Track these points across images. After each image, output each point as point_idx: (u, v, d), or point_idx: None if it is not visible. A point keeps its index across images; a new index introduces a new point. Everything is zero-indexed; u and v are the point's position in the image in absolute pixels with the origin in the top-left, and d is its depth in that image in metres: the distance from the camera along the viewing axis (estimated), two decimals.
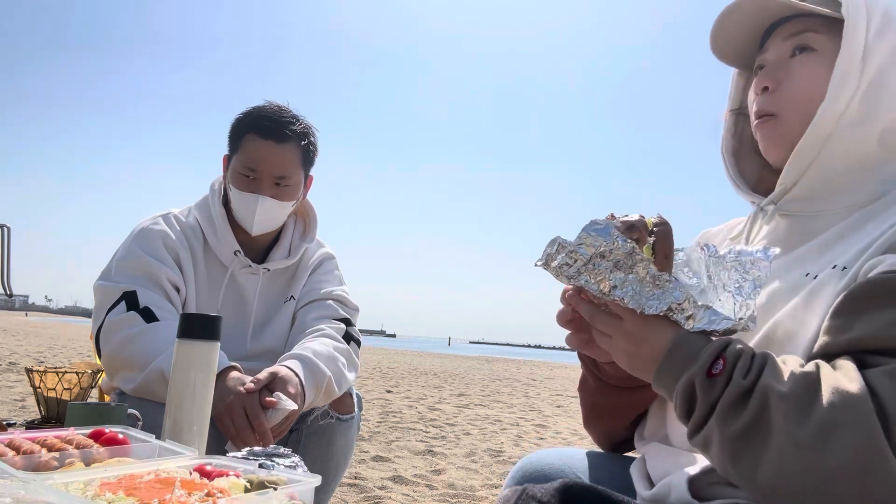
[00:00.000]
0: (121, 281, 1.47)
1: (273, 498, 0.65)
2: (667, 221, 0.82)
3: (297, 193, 1.61)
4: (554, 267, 0.78)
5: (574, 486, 0.65)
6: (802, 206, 0.90)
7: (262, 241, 1.67)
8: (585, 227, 0.77)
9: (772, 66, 0.93)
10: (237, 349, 1.59)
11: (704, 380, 0.70)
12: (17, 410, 4.53)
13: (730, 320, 0.75)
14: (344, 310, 1.67)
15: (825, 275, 0.79)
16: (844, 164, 0.86)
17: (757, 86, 0.93)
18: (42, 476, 0.63)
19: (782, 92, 0.90)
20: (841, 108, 0.84)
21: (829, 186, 0.87)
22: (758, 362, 0.70)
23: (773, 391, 0.66)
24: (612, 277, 0.75)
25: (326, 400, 1.52)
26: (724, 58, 1.02)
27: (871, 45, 0.84)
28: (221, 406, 1.25)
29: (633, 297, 0.75)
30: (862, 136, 0.85)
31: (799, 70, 0.89)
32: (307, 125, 1.60)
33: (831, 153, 0.86)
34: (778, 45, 0.93)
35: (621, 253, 0.75)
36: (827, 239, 0.85)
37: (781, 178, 0.90)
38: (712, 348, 0.72)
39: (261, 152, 1.53)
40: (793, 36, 0.91)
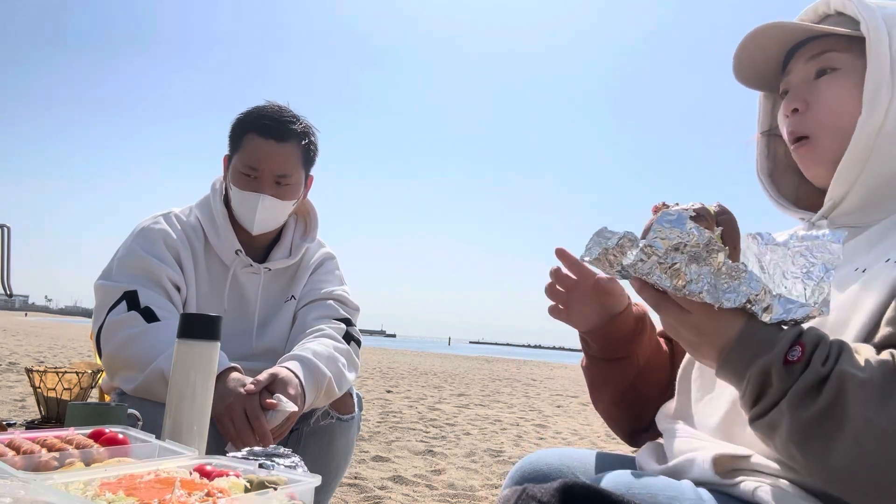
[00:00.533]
0: (122, 280, 1.47)
1: (273, 498, 0.65)
2: (728, 209, 0.81)
3: (298, 193, 1.62)
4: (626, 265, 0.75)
5: (574, 486, 0.65)
6: (853, 218, 0.92)
7: (263, 241, 1.67)
8: (658, 218, 0.74)
9: (798, 88, 0.95)
10: (240, 349, 1.59)
11: (781, 366, 0.70)
12: (17, 410, 4.54)
13: (807, 307, 0.73)
14: (344, 310, 1.67)
15: (877, 268, 0.80)
16: (889, 175, 0.88)
17: (786, 108, 0.96)
18: (42, 476, 0.63)
19: (812, 113, 0.92)
20: (878, 122, 0.86)
21: (877, 197, 0.89)
22: (835, 350, 0.70)
23: (851, 378, 0.66)
24: (687, 271, 0.73)
25: (327, 400, 1.52)
26: (747, 82, 1.04)
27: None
28: (222, 407, 1.25)
29: (710, 292, 0.73)
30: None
31: (826, 90, 0.91)
32: (307, 125, 1.61)
33: (875, 166, 0.88)
34: (801, 67, 0.95)
35: (699, 244, 0.72)
36: (873, 234, 0.87)
37: (829, 194, 0.92)
38: (790, 335, 0.72)
39: (262, 151, 1.54)
40: (815, 57, 0.93)
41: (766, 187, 1.06)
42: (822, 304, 0.74)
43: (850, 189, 0.90)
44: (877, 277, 0.79)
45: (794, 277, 0.79)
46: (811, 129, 0.93)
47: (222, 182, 1.65)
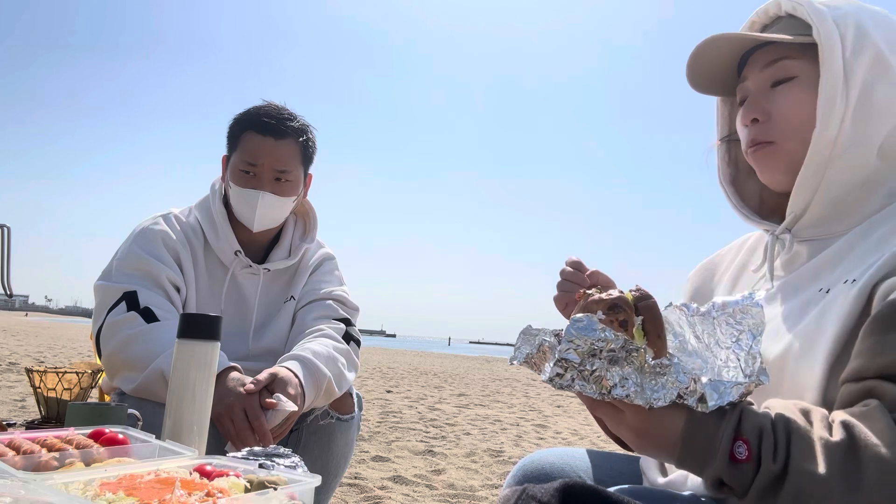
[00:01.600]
0: (121, 281, 1.47)
1: (273, 498, 0.65)
2: (648, 294, 0.76)
3: (298, 190, 1.62)
4: (546, 379, 0.71)
5: (574, 486, 0.65)
6: (816, 230, 0.90)
7: (263, 241, 1.67)
8: (567, 327, 0.70)
9: (755, 97, 0.93)
10: (238, 349, 1.59)
11: (731, 469, 0.67)
12: (17, 410, 4.53)
13: (741, 384, 0.69)
14: (344, 310, 1.67)
15: (836, 290, 0.79)
16: (849, 185, 0.86)
17: (745, 118, 0.94)
18: (42, 476, 0.63)
19: (774, 122, 0.91)
20: (834, 133, 0.84)
21: (839, 208, 0.88)
22: (782, 438, 0.66)
23: (808, 476, 0.63)
24: (609, 376, 0.69)
25: (326, 400, 1.52)
26: (702, 89, 1.02)
27: (850, 63, 0.84)
28: (221, 407, 1.25)
29: (638, 393, 0.69)
30: (861, 155, 0.85)
31: (784, 99, 0.90)
32: (305, 122, 1.62)
33: (834, 176, 0.86)
34: (757, 74, 0.93)
35: (614, 346, 0.69)
36: (837, 251, 0.85)
37: (790, 206, 0.91)
38: (727, 432, 0.68)
39: (260, 148, 1.54)
40: (770, 64, 0.91)
41: (730, 195, 1.03)
42: (758, 373, 0.71)
43: (811, 201, 0.88)
44: (836, 300, 0.77)
45: (726, 348, 0.77)
46: (774, 137, 0.91)
47: (221, 183, 1.66)
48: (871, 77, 0.85)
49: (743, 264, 1.05)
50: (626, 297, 0.74)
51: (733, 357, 0.76)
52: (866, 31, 0.86)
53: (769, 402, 0.73)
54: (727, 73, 0.99)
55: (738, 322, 0.77)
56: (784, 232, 0.93)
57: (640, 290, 0.76)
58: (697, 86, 1.01)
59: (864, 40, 0.85)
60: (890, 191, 0.86)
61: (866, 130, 0.85)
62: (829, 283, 0.82)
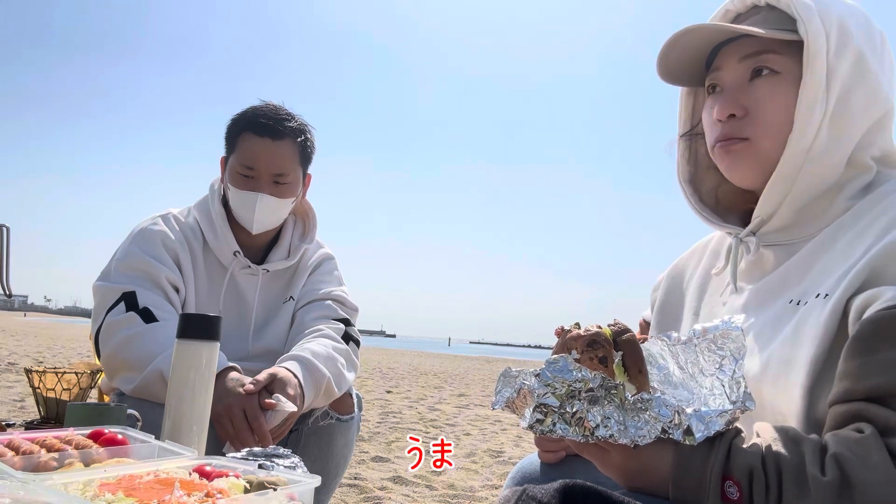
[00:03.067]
0: (120, 281, 1.47)
1: (272, 498, 0.65)
2: (627, 327, 0.74)
3: (296, 191, 1.62)
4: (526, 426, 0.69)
5: (574, 487, 0.64)
6: (781, 235, 0.88)
7: (262, 242, 1.66)
8: (542, 370, 0.68)
9: (732, 90, 0.88)
10: (238, 350, 1.59)
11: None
12: (16, 411, 4.53)
13: (726, 412, 0.68)
14: (343, 310, 1.67)
15: (810, 305, 0.77)
16: (817, 191, 0.84)
17: (720, 112, 0.87)
18: (41, 476, 0.62)
19: (752, 119, 0.86)
20: (809, 140, 0.81)
21: (805, 214, 0.85)
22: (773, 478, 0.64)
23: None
24: (591, 417, 0.67)
25: (326, 400, 1.52)
26: (672, 80, 0.97)
27: (833, 65, 0.81)
28: (220, 407, 1.25)
29: (621, 432, 0.67)
30: (832, 161, 0.83)
31: (765, 95, 0.85)
32: (303, 122, 1.61)
33: (805, 183, 0.83)
34: (734, 66, 0.87)
35: (593, 385, 0.67)
36: (804, 258, 0.83)
37: (758, 210, 0.87)
38: (716, 471, 0.66)
39: (257, 150, 1.54)
40: (749, 57, 0.86)
41: (688, 195, 0.98)
42: (744, 399, 0.69)
43: (779, 206, 0.85)
44: (810, 316, 0.76)
45: (710, 375, 0.76)
46: (751, 134, 0.86)
47: (220, 183, 1.65)
48: (850, 80, 0.81)
49: (708, 269, 1.02)
50: (604, 333, 0.72)
51: (718, 384, 0.75)
52: (849, 30, 0.82)
53: (758, 426, 0.71)
54: (697, 64, 0.93)
55: (720, 347, 0.75)
56: (749, 235, 0.90)
57: (618, 323, 0.74)
58: (668, 76, 0.95)
59: (847, 41, 0.81)
60: (852, 194, 0.84)
61: (841, 138, 0.82)
62: (799, 294, 0.80)
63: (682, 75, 0.95)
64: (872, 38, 0.84)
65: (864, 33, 0.83)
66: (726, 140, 0.87)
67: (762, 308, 0.85)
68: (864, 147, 0.84)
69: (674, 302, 1.06)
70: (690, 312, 1.00)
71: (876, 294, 0.69)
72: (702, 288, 1.01)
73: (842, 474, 0.62)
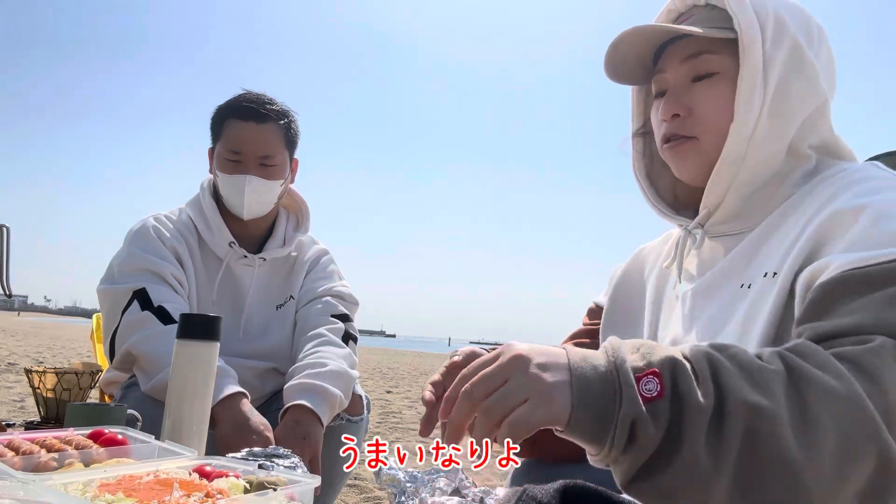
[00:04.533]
0: (128, 282, 1.48)
1: (272, 499, 0.65)
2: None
3: (284, 173, 1.63)
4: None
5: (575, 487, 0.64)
6: (728, 226, 0.89)
7: (256, 233, 1.67)
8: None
9: (676, 92, 0.90)
10: (233, 340, 1.59)
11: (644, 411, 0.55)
12: (16, 411, 4.53)
13: None
14: (343, 305, 1.68)
15: (759, 285, 0.78)
16: (760, 180, 0.86)
17: (665, 113, 0.90)
18: (41, 477, 0.62)
19: (696, 117, 0.88)
20: (750, 129, 0.83)
21: (750, 204, 0.87)
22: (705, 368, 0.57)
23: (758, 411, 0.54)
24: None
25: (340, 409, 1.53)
26: (620, 79, 0.98)
27: (770, 56, 0.82)
28: (236, 437, 1.26)
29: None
30: (773, 150, 0.84)
31: (706, 95, 0.87)
32: (286, 107, 1.63)
33: (748, 172, 0.85)
34: (676, 67, 0.90)
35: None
36: (751, 244, 0.85)
37: (704, 202, 0.89)
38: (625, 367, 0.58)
39: (243, 134, 1.56)
40: (690, 58, 0.88)
41: (644, 189, 1.00)
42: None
43: (724, 197, 0.87)
44: (760, 297, 0.76)
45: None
46: (696, 132, 0.88)
47: (210, 180, 1.67)
48: (787, 71, 0.83)
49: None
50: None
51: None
52: (785, 22, 0.84)
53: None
54: (644, 62, 0.95)
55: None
56: (697, 227, 0.91)
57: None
58: (615, 76, 0.97)
59: (783, 33, 0.83)
60: (795, 182, 0.85)
61: (781, 125, 0.84)
62: (748, 278, 0.81)
63: (631, 75, 0.97)
64: (810, 30, 0.86)
65: (801, 26, 0.85)
66: (673, 139, 0.90)
67: (711, 296, 0.87)
68: (803, 136, 0.86)
69: (634, 286, 1.08)
70: (650, 305, 1.02)
71: (822, 265, 0.69)
72: (661, 282, 1.02)
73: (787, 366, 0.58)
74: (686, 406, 0.55)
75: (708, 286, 0.88)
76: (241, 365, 1.50)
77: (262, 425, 1.31)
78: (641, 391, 0.56)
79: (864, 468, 0.55)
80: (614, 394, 0.57)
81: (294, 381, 1.44)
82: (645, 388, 0.56)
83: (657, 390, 0.56)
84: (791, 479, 0.53)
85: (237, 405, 1.31)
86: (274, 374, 1.62)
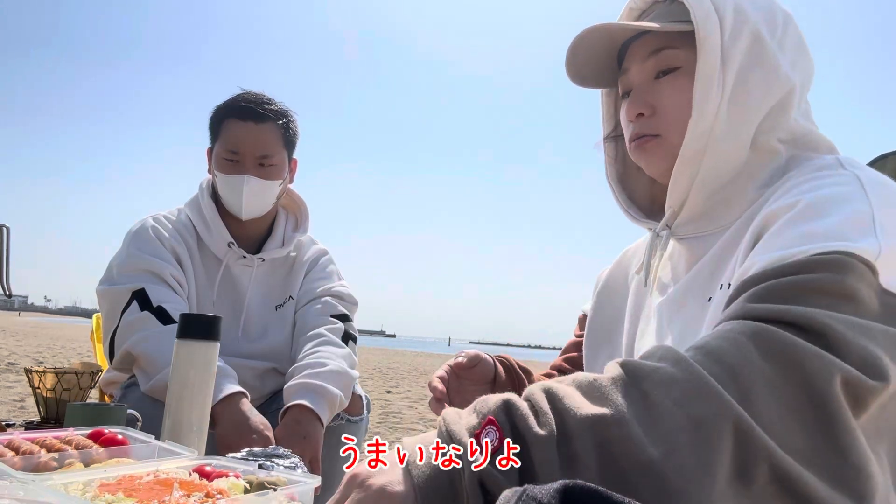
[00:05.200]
0: (127, 282, 1.48)
1: (272, 499, 0.65)
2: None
3: (282, 174, 1.63)
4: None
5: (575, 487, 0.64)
6: (692, 227, 0.87)
7: (255, 233, 1.67)
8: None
9: (639, 90, 0.88)
10: (232, 341, 1.59)
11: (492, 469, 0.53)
12: (16, 411, 4.53)
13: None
14: (343, 305, 1.69)
15: (717, 297, 0.76)
16: (724, 177, 0.83)
17: (630, 113, 0.89)
18: (41, 477, 0.62)
19: (659, 116, 0.86)
20: (709, 123, 0.81)
21: (713, 203, 0.84)
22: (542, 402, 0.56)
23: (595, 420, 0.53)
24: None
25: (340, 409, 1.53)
26: (585, 83, 0.96)
27: (728, 48, 0.80)
28: (236, 437, 1.26)
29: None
30: (735, 145, 0.81)
31: (668, 92, 0.85)
32: (284, 107, 1.63)
33: (709, 170, 0.82)
34: (638, 66, 0.88)
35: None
36: (713, 257, 0.82)
37: (668, 201, 0.87)
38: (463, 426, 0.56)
39: (241, 134, 1.56)
40: (652, 55, 0.86)
41: (616, 194, 0.98)
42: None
43: (687, 195, 0.85)
44: (718, 308, 0.74)
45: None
46: (661, 130, 0.86)
47: (209, 181, 1.67)
48: (747, 62, 0.81)
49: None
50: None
51: None
52: (745, 12, 0.81)
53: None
54: (608, 64, 0.93)
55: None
56: (664, 229, 0.89)
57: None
58: (579, 79, 0.94)
59: (743, 24, 0.81)
60: (763, 182, 0.82)
61: (741, 120, 0.81)
62: (711, 292, 0.79)
63: (596, 76, 0.95)
64: (773, 18, 0.84)
65: (764, 15, 0.83)
66: (639, 138, 0.89)
67: (679, 310, 0.85)
68: (767, 129, 0.83)
69: (617, 290, 1.05)
70: (629, 315, 0.99)
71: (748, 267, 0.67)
72: (640, 287, 0.99)
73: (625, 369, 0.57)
74: (528, 442, 0.54)
75: (675, 299, 0.86)
76: (241, 365, 1.50)
77: (262, 425, 1.31)
78: (482, 444, 0.54)
79: (724, 448, 0.52)
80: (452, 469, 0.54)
81: (294, 380, 1.43)
82: (487, 439, 0.54)
83: (497, 437, 0.54)
84: (655, 477, 0.51)
85: (237, 405, 1.31)
86: (274, 374, 1.62)
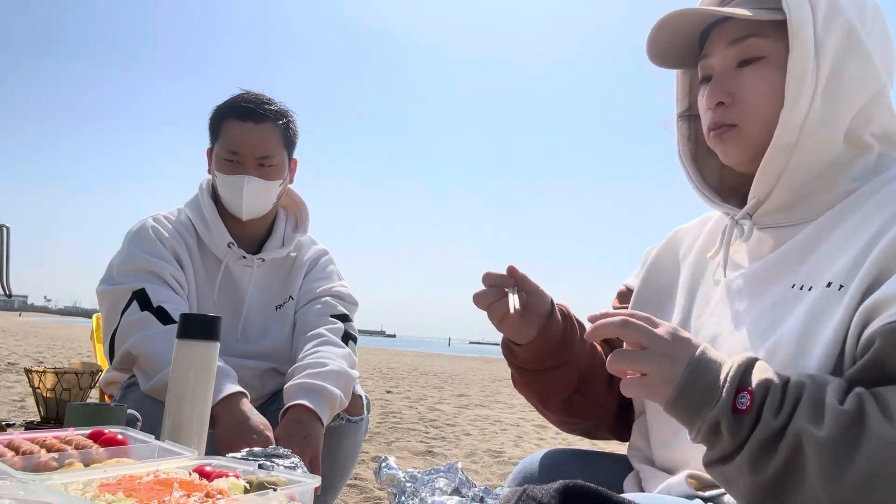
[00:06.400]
0: (127, 282, 1.48)
1: (272, 499, 0.65)
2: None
3: (282, 174, 1.63)
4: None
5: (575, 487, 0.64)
6: (779, 217, 0.85)
7: (255, 234, 1.67)
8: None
9: (721, 78, 0.87)
10: (232, 341, 1.59)
11: (730, 418, 0.66)
12: (16, 411, 4.53)
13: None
14: (343, 305, 1.68)
15: (820, 294, 0.75)
16: (815, 169, 0.82)
17: (709, 101, 0.87)
18: (41, 477, 0.62)
19: (740, 105, 0.85)
20: (802, 114, 0.79)
21: (803, 193, 0.83)
22: (790, 397, 0.65)
23: (807, 436, 0.62)
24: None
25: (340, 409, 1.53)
26: (663, 63, 0.95)
27: (822, 38, 0.79)
28: (238, 438, 1.25)
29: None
30: (828, 137, 0.80)
31: (752, 81, 0.84)
32: (284, 107, 1.63)
33: (800, 160, 0.81)
34: (722, 52, 0.87)
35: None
36: (804, 241, 0.81)
37: (753, 191, 0.85)
38: (733, 379, 0.68)
39: (241, 135, 1.56)
40: (736, 42, 0.85)
41: (690, 174, 0.97)
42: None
43: (774, 186, 0.83)
44: (826, 307, 0.74)
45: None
46: (739, 120, 0.85)
47: (209, 181, 1.67)
48: (842, 54, 0.79)
49: (705, 248, 1.00)
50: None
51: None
52: (838, 3, 0.80)
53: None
54: (688, 46, 0.92)
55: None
56: (745, 217, 0.87)
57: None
58: (658, 60, 0.94)
59: (836, 14, 0.79)
60: (856, 175, 0.81)
61: (835, 112, 0.80)
62: (802, 279, 0.79)
63: (675, 57, 0.95)
64: (864, 11, 0.82)
65: (856, 6, 0.82)
66: (717, 128, 0.88)
67: (759, 292, 0.84)
68: (862, 124, 0.82)
69: (669, 268, 1.05)
70: (684, 292, 0.99)
71: (884, 299, 0.67)
72: (697, 268, 0.99)
73: (860, 409, 0.62)
74: (760, 423, 0.65)
75: (753, 282, 0.85)
76: (241, 365, 1.50)
77: (262, 425, 1.31)
78: (736, 403, 0.67)
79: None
80: (714, 397, 0.68)
81: (294, 380, 1.43)
82: (739, 402, 0.67)
83: (747, 405, 0.66)
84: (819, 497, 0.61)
85: (237, 405, 1.31)
86: (274, 374, 1.62)
